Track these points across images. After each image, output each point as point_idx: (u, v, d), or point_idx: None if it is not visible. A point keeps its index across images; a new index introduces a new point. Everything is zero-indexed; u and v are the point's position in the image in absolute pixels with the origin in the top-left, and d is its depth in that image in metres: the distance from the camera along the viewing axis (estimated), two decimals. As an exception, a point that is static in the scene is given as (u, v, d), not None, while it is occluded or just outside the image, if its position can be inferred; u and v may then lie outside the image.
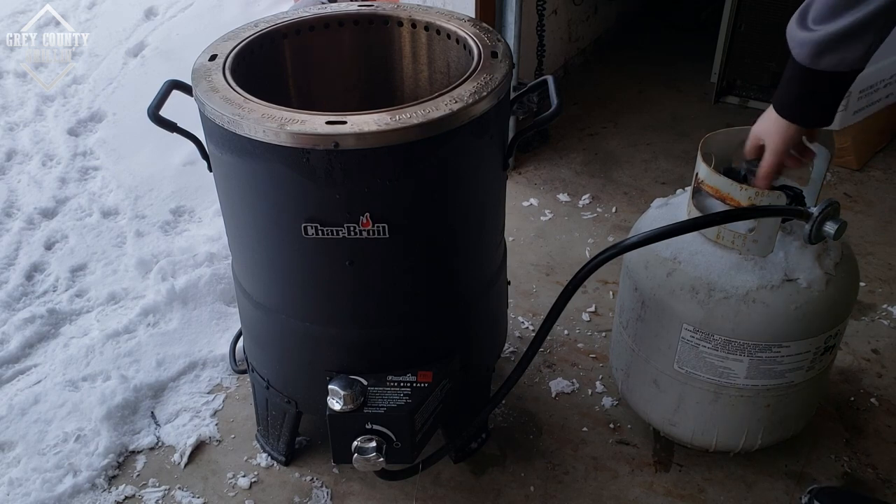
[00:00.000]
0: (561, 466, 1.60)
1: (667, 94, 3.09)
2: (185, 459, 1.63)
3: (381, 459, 1.26)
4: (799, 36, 1.08)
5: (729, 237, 1.32)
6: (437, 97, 1.16)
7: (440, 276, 1.35)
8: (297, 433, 1.60)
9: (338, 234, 1.19)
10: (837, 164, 2.56)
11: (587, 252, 2.22)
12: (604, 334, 1.93)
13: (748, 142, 1.29)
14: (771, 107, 1.22)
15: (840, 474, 1.58)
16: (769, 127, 1.22)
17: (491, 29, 1.37)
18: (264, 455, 1.63)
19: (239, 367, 1.82)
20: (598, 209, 2.40)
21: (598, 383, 1.79)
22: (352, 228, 1.19)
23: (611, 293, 2.05)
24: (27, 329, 1.93)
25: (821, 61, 1.07)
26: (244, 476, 1.59)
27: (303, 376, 1.45)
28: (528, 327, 1.96)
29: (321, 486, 1.57)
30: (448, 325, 1.42)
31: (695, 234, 1.36)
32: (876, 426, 1.67)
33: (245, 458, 1.64)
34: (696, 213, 1.35)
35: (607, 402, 1.74)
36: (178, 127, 1.28)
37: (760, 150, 1.27)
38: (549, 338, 1.70)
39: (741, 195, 1.26)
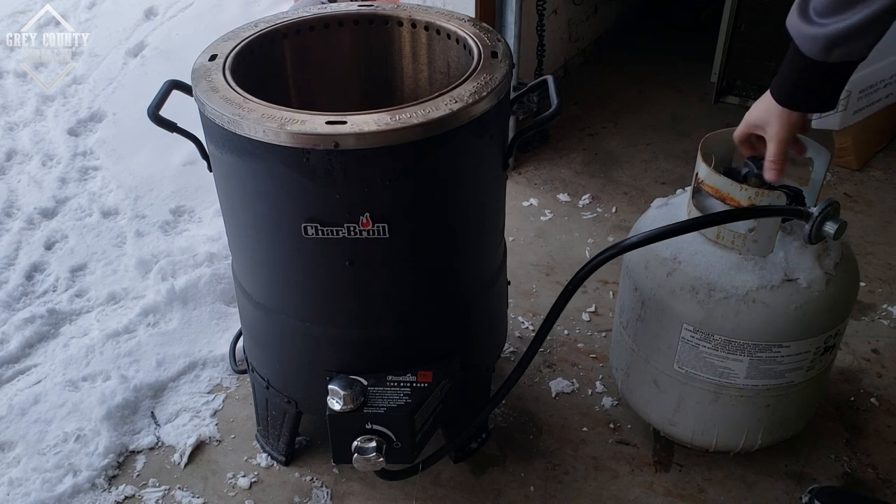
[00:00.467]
0: (561, 466, 1.60)
1: (667, 94, 3.09)
2: (185, 459, 1.63)
3: (381, 459, 1.26)
4: (806, 30, 1.07)
5: (729, 237, 1.32)
6: (437, 97, 1.16)
7: (440, 276, 1.35)
8: (297, 433, 1.60)
9: (338, 234, 1.19)
10: (837, 164, 2.56)
11: (587, 252, 2.22)
12: (604, 334, 1.93)
13: (739, 128, 1.28)
14: (766, 96, 1.20)
15: (840, 474, 1.58)
16: (769, 117, 1.20)
17: (491, 29, 1.37)
18: (264, 455, 1.63)
19: (239, 367, 1.82)
20: (598, 209, 2.40)
21: (598, 383, 1.79)
22: (352, 228, 1.18)
23: (611, 293, 2.05)
24: (27, 329, 1.93)
25: (832, 54, 1.06)
26: (244, 476, 1.59)
27: (303, 376, 1.45)
28: (528, 327, 1.96)
29: (321, 486, 1.57)
30: (448, 325, 1.42)
31: (695, 234, 1.36)
32: (876, 426, 1.67)
33: (245, 458, 1.64)
34: (696, 213, 1.35)
35: (607, 402, 1.74)
36: (178, 127, 1.28)
37: (750, 138, 1.26)
38: (549, 338, 1.70)
39: (741, 195, 1.26)
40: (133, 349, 1.87)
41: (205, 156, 1.34)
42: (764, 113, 1.21)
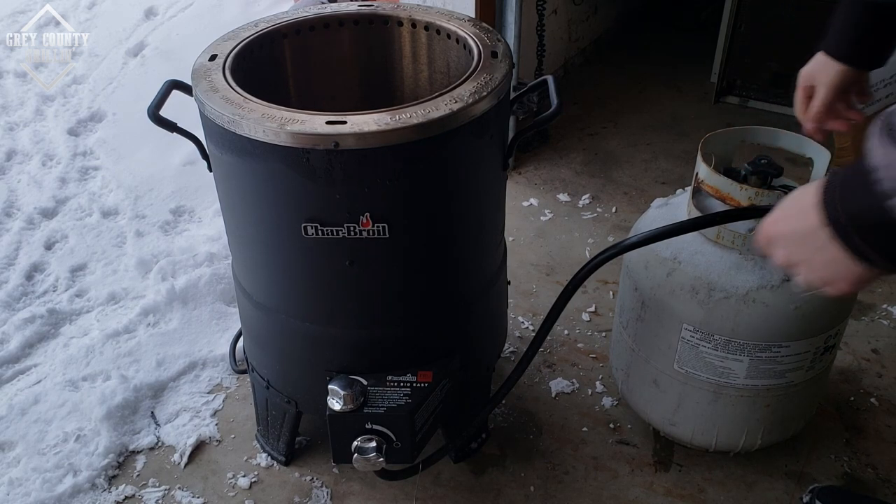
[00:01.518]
0: (561, 466, 1.60)
1: (667, 94, 3.09)
2: (185, 459, 1.63)
3: (381, 459, 1.26)
4: None
5: (729, 237, 1.32)
6: (437, 97, 1.16)
7: (440, 276, 1.35)
8: (297, 433, 1.60)
9: (338, 234, 1.19)
10: (837, 164, 2.56)
11: (587, 252, 2.22)
12: (604, 334, 1.93)
13: (799, 87, 1.26)
14: (820, 54, 1.19)
15: (840, 474, 1.58)
16: (821, 68, 1.20)
17: (491, 29, 1.37)
18: (264, 455, 1.63)
19: (239, 367, 1.82)
20: (598, 209, 2.40)
21: (598, 383, 1.79)
22: (352, 228, 1.18)
23: (611, 293, 2.05)
24: (27, 329, 1.93)
25: None
26: (244, 476, 1.59)
27: (303, 376, 1.45)
28: (528, 327, 1.96)
29: (321, 486, 1.57)
30: (448, 325, 1.42)
31: (695, 234, 1.36)
32: (876, 426, 1.67)
33: (245, 458, 1.64)
34: (696, 213, 1.35)
35: (607, 402, 1.74)
36: (178, 127, 1.28)
37: (810, 92, 1.25)
38: (549, 338, 1.70)
39: (741, 195, 1.26)
40: (133, 349, 1.87)
41: (205, 156, 1.34)
42: (814, 64, 1.21)
